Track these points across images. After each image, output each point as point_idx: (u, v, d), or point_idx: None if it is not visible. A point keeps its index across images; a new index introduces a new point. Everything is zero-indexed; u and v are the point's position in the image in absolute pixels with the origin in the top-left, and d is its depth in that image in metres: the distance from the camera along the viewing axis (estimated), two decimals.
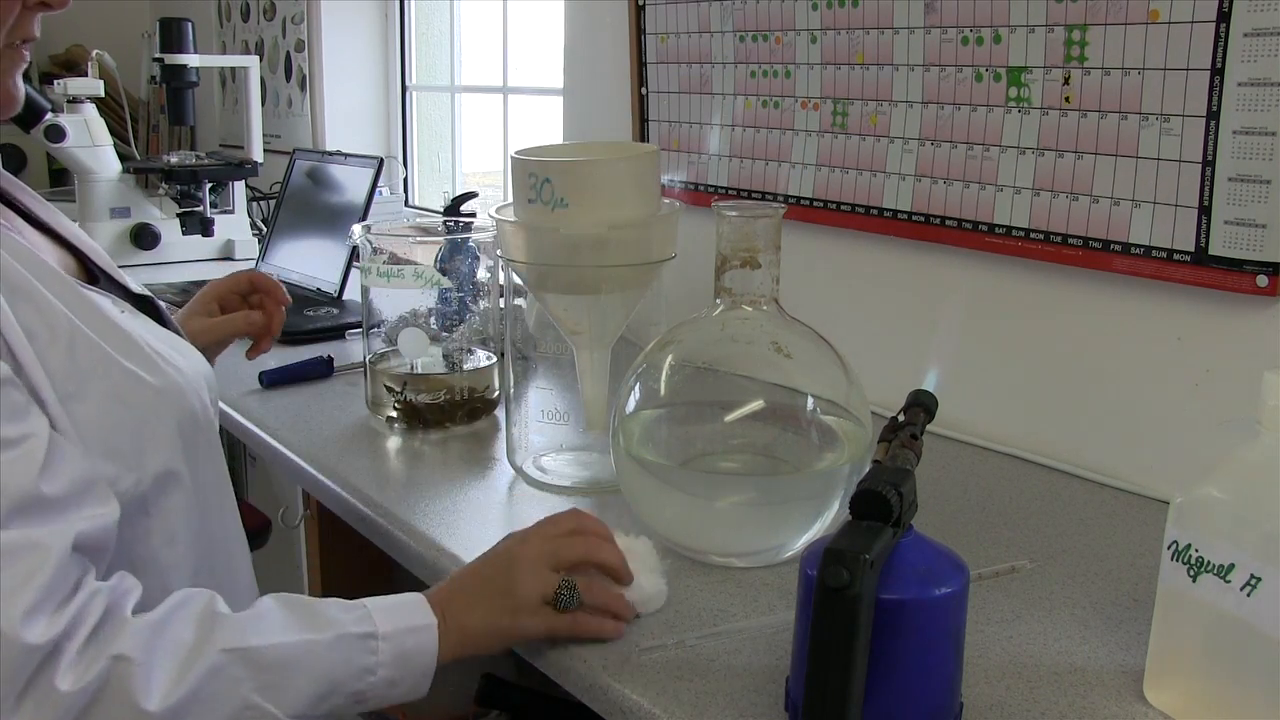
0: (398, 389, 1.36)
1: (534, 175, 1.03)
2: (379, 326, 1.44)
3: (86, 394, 0.81)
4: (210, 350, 1.24)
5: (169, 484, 0.87)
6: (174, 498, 0.88)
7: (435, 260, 1.45)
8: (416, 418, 1.36)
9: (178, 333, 1.02)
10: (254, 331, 1.30)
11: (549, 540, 0.89)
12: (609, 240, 1.03)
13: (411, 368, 1.40)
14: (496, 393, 1.41)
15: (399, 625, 0.82)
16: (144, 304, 1.00)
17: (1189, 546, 0.74)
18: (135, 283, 1.01)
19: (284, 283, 1.36)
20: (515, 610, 0.86)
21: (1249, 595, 0.70)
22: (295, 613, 0.80)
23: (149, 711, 0.70)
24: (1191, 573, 0.74)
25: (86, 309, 0.85)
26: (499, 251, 1.12)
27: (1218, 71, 1.04)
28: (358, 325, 1.76)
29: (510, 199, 1.12)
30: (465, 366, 1.41)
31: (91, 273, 0.97)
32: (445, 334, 1.43)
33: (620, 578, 0.90)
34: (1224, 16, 1.03)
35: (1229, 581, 0.71)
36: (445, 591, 0.87)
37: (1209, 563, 0.72)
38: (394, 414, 1.37)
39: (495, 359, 1.42)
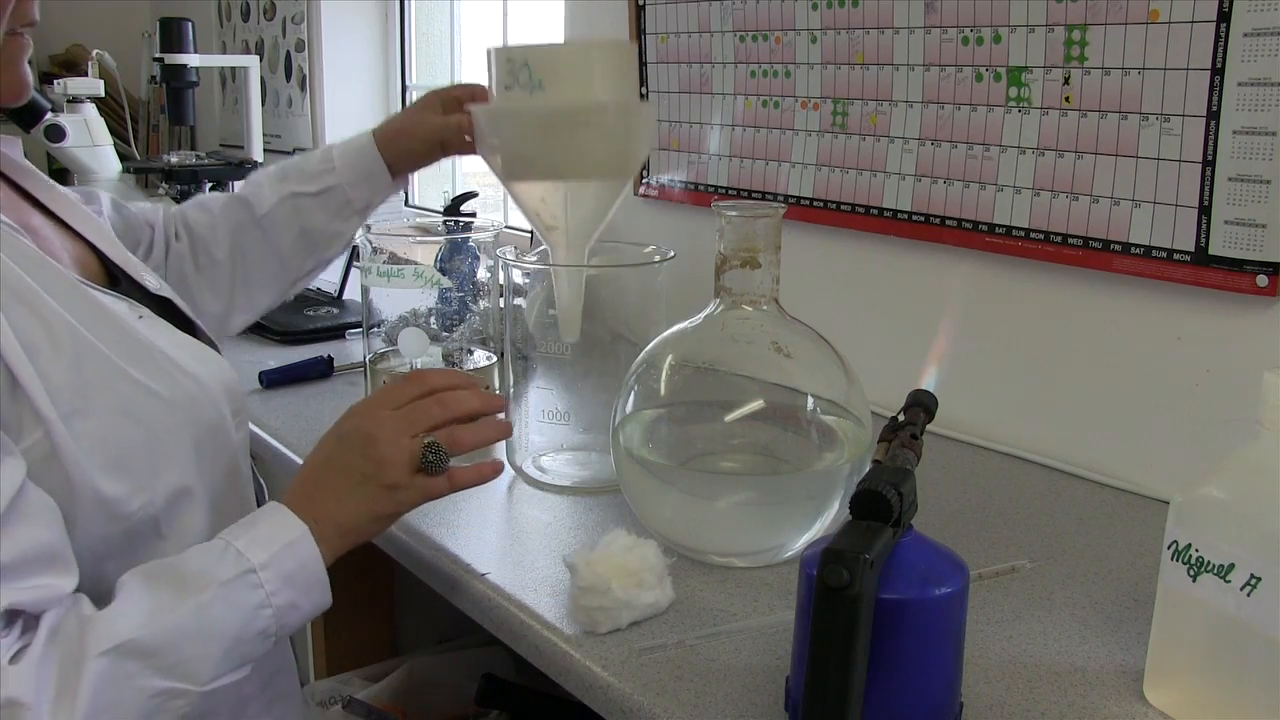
0: None
1: (512, 60, 1.02)
2: (379, 326, 1.44)
3: (92, 410, 0.77)
4: (428, 156, 1.26)
5: (183, 502, 0.83)
6: (188, 517, 0.84)
7: (435, 260, 1.45)
8: None
9: (206, 339, 0.98)
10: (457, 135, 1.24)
11: (400, 409, 0.87)
12: (588, 121, 1.01)
13: (411, 367, 1.40)
14: (496, 393, 1.41)
15: (272, 549, 0.79)
16: (165, 306, 0.96)
17: (1189, 546, 0.74)
18: (155, 280, 0.98)
19: None
20: (389, 490, 0.84)
21: (1249, 595, 0.70)
22: (163, 583, 0.76)
23: None
24: (1191, 573, 0.74)
25: (97, 316, 0.81)
26: (481, 152, 1.10)
27: (1218, 71, 1.04)
28: (358, 325, 1.76)
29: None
30: (465, 366, 1.41)
31: (113, 274, 0.94)
32: (445, 334, 1.43)
33: (490, 410, 0.89)
34: (1224, 16, 1.03)
35: (1229, 581, 0.71)
36: (305, 490, 0.84)
37: (1209, 563, 0.72)
38: None
39: (495, 359, 1.42)
